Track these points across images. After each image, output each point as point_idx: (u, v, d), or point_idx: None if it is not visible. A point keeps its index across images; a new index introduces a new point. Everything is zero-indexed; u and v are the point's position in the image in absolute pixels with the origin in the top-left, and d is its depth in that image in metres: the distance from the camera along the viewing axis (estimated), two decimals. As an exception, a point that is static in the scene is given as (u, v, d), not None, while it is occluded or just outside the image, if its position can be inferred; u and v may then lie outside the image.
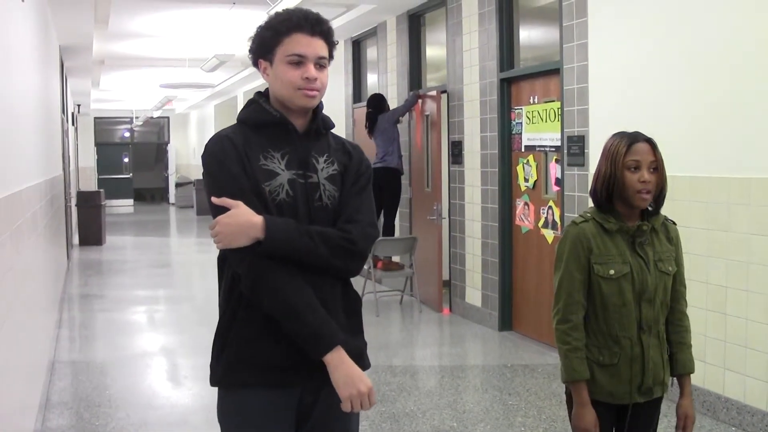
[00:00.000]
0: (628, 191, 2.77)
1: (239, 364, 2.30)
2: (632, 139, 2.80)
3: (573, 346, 2.81)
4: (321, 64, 2.32)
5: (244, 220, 2.21)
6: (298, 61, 2.28)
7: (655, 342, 2.85)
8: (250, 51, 2.40)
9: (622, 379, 2.83)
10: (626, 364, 2.82)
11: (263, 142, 2.32)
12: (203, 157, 2.34)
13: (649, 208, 2.86)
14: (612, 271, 2.79)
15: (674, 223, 2.97)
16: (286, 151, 2.33)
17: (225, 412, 2.39)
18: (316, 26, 2.30)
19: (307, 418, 2.36)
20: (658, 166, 2.79)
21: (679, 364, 2.93)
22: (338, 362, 2.23)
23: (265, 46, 2.33)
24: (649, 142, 2.81)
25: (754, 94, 4.76)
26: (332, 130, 2.48)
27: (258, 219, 2.21)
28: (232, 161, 2.27)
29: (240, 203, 2.22)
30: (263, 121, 2.35)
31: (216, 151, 2.29)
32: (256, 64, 2.39)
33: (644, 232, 2.82)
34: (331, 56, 2.37)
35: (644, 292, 2.81)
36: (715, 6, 5.02)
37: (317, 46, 2.30)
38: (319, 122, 2.40)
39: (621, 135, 2.84)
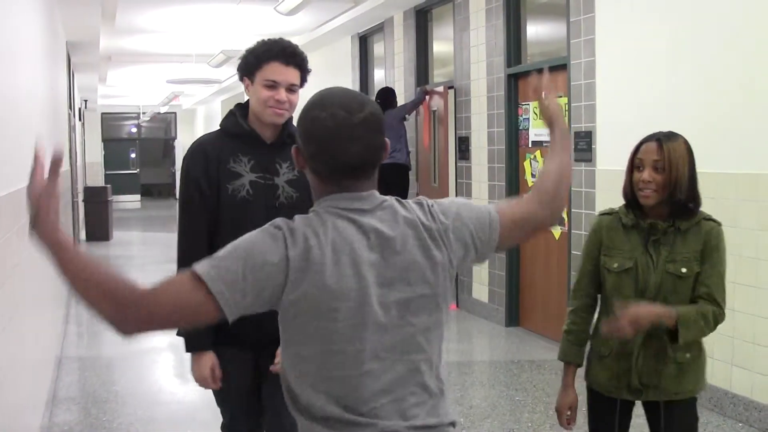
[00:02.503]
0: (634, 189, 2.80)
1: (220, 333, 2.79)
2: (645, 138, 2.82)
3: (566, 329, 2.96)
4: (292, 89, 2.80)
5: None
6: (272, 85, 2.76)
7: (654, 343, 2.80)
8: (238, 69, 2.86)
9: (612, 373, 2.87)
10: (615, 359, 2.85)
11: (235, 148, 2.85)
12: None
13: (689, 207, 2.79)
14: (615, 265, 2.82)
15: (719, 224, 2.87)
16: (253, 156, 2.85)
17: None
18: (291, 58, 2.77)
19: (264, 378, 2.95)
20: (664, 166, 2.75)
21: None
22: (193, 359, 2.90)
23: (248, 68, 2.81)
24: (658, 141, 2.78)
25: (761, 90, 4.74)
26: None
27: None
28: (196, 167, 2.83)
29: None
30: (236, 132, 2.88)
31: (186, 157, 2.88)
32: (241, 80, 2.86)
33: (658, 230, 2.79)
34: (303, 81, 2.83)
35: (645, 291, 2.78)
36: (723, 1, 5.00)
37: (290, 75, 2.78)
38: (285, 135, 2.85)
39: (649, 135, 2.83)
